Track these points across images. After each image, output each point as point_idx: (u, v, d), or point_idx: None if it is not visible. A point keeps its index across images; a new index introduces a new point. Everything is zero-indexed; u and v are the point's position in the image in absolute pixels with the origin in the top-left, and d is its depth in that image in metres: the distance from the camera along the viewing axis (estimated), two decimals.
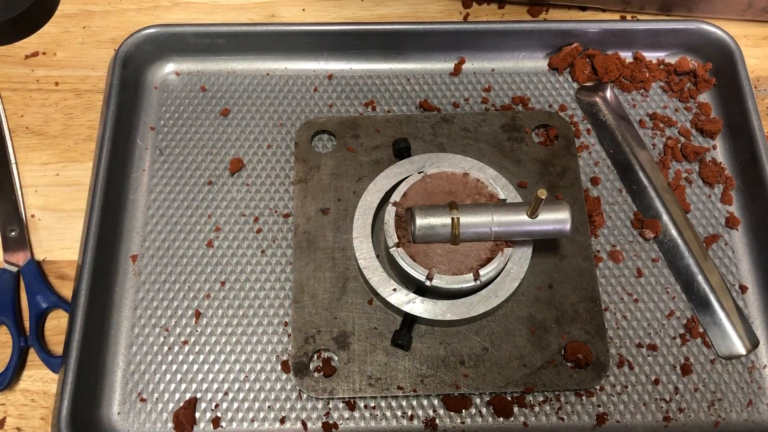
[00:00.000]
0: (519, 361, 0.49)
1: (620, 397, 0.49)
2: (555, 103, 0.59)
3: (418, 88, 0.60)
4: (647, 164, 0.56)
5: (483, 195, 0.50)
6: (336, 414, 0.48)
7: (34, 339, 0.50)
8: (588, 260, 0.52)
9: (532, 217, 0.46)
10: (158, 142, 0.57)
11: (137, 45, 0.58)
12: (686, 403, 0.49)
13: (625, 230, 0.54)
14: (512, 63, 0.61)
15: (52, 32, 0.63)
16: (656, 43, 0.61)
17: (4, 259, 0.52)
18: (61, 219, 0.55)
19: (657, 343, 0.50)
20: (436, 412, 0.48)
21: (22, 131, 0.58)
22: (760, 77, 0.61)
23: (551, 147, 0.56)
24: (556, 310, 0.50)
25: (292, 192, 0.55)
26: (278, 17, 0.64)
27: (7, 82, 0.60)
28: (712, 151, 0.58)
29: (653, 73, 0.60)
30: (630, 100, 0.59)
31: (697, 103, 0.59)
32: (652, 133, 0.58)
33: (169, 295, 0.52)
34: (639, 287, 0.52)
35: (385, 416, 0.48)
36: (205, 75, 0.60)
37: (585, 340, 0.49)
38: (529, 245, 0.49)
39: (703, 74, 0.59)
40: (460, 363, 0.48)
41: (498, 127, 0.57)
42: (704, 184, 0.56)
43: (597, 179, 0.56)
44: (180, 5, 0.64)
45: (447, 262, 0.47)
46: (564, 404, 0.48)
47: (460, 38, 0.60)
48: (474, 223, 0.47)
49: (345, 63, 0.61)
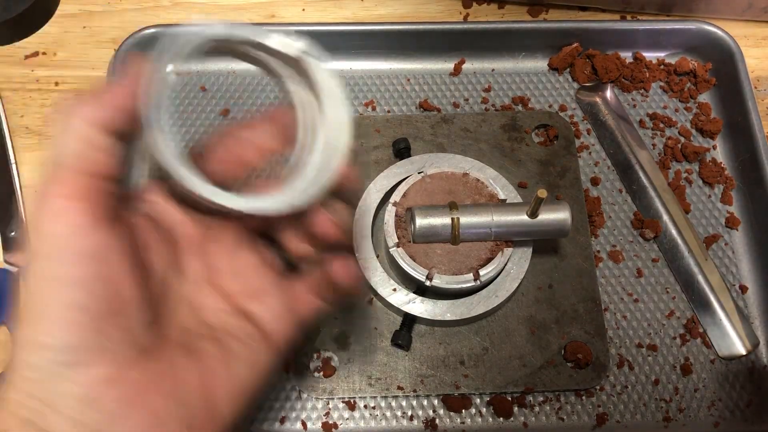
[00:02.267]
0: (519, 361, 0.49)
1: (620, 398, 0.49)
2: (555, 103, 0.59)
3: (418, 88, 0.60)
4: (647, 164, 0.56)
5: (483, 195, 0.50)
6: (336, 414, 0.48)
7: None
8: (588, 260, 0.52)
9: (532, 218, 0.46)
10: None
11: (137, 45, 0.58)
12: (686, 403, 0.49)
13: (625, 230, 0.54)
14: (512, 63, 0.61)
15: (52, 32, 0.63)
16: (656, 43, 0.61)
17: (4, 259, 0.52)
18: None
19: (657, 343, 0.50)
20: (436, 412, 0.48)
21: (22, 131, 0.58)
22: (760, 77, 0.61)
23: (551, 147, 0.56)
24: (556, 311, 0.50)
25: None
26: (278, 17, 0.64)
27: (7, 83, 0.60)
28: (712, 151, 0.58)
29: (653, 73, 0.60)
30: (630, 100, 0.59)
31: (697, 103, 0.59)
32: (652, 133, 0.58)
33: None
34: (639, 287, 0.52)
35: (385, 416, 0.48)
36: (205, 75, 0.60)
37: (585, 341, 0.49)
38: (529, 245, 0.49)
39: (703, 74, 0.59)
40: (460, 363, 0.48)
41: (498, 127, 0.57)
42: (704, 184, 0.56)
43: (597, 179, 0.56)
44: (180, 5, 0.64)
45: (447, 262, 0.47)
46: (564, 404, 0.48)
47: (460, 38, 0.60)
48: (474, 223, 0.47)
49: (345, 63, 0.61)
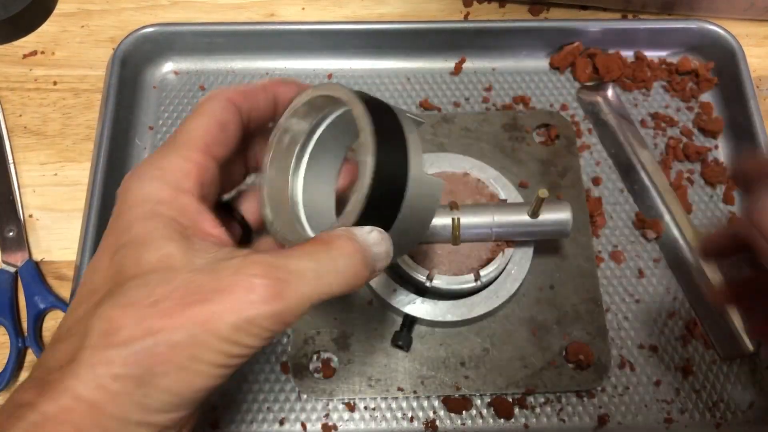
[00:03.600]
0: (520, 362, 0.48)
1: (621, 399, 0.48)
2: (556, 103, 0.59)
3: (419, 88, 0.60)
4: (649, 164, 0.55)
5: (484, 195, 0.49)
6: (336, 415, 0.48)
7: (32, 340, 0.49)
8: (589, 261, 0.52)
9: (533, 218, 0.46)
10: (157, 142, 0.57)
11: (136, 44, 0.58)
12: (688, 404, 0.48)
13: (626, 230, 0.54)
14: (513, 62, 0.61)
15: (50, 31, 0.62)
16: (658, 43, 0.61)
17: (2, 259, 0.52)
18: (60, 219, 0.55)
19: (658, 344, 0.50)
20: (436, 413, 0.48)
21: (20, 131, 0.58)
22: (762, 77, 0.61)
23: (552, 147, 0.56)
24: (557, 311, 0.50)
25: None
26: (278, 16, 0.63)
27: (5, 82, 0.60)
28: (714, 150, 0.57)
29: (655, 73, 0.60)
30: (631, 100, 0.59)
31: (698, 102, 0.59)
32: (654, 133, 0.58)
33: None
34: (640, 288, 0.52)
35: (385, 417, 0.48)
36: (204, 74, 0.60)
37: (586, 341, 0.49)
38: (530, 246, 0.49)
39: (704, 74, 0.59)
40: (460, 364, 0.48)
41: (499, 126, 0.56)
42: (706, 184, 0.56)
43: (598, 179, 0.56)
44: (179, 4, 0.64)
45: (447, 262, 0.47)
46: (565, 405, 0.48)
47: (460, 37, 0.59)
48: (475, 224, 0.46)
49: (345, 62, 0.60)
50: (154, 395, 0.25)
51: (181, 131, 0.31)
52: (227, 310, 0.25)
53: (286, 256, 0.27)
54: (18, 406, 0.25)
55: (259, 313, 0.26)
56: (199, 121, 0.31)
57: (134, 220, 0.28)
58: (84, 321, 0.26)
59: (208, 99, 0.32)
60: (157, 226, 0.28)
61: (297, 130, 0.35)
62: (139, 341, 0.25)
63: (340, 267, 0.28)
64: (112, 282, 0.27)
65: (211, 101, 0.32)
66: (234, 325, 0.25)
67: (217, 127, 0.31)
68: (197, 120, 0.31)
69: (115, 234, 0.29)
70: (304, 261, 0.27)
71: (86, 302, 0.28)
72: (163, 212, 0.28)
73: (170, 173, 0.29)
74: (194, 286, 0.26)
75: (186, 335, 0.25)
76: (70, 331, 0.27)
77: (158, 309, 0.25)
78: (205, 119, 0.31)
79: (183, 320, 0.25)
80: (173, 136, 0.31)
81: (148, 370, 0.25)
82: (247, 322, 0.25)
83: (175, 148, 0.30)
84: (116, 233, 0.28)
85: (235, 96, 0.32)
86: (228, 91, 0.32)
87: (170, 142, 0.31)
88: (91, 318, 0.26)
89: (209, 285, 0.26)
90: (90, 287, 0.28)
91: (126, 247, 0.28)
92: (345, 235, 0.29)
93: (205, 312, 0.25)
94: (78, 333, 0.26)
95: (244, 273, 0.26)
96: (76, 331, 0.27)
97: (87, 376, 0.25)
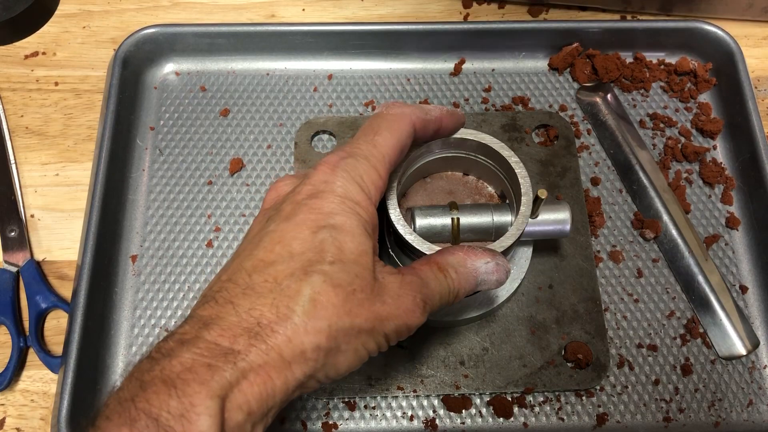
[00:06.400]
0: (519, 361, 0.48)
1: (620, 398, 0.49)
2: (555, 103, 0.59)
3: (418, 88, 0.60)
4: (647, 164, 0.56)
5: (483, 195, 0.50)
6: (336, 414, 0.48)
7: (34, 339, 0.50)
8: (588, 260, 0.52)
9: (532, 218, 0.46)
10: (158, 142, 0.57)
11: (137, 45, 0.58)
12: (686, 403, 0.49)
13: (625, 230, 0.54)
14: (512, 63, 0.61)
15: (51, 32, 0.63)
16: (656, 43, 0.61)
17: (4, 259, 0.52)
18: (61, 219, 0.55)
19: (657, 344, 0.50)
20: (436, 412, 0.48)
21: (22, 131, 0.58)
22: (760, 77, 0.61)
23: (551, 147, 0.56)
24: (557, 311, 0.50)
25: None
26: (278, 17, 0.64)
27: (7, 82, 0.60)
28: (712, 151, 0.57)
29: (653, 73, 0.60)
30: (630, 100, 0.59)
31: (697, 103, 0.59)
32: (653, 133, 0.58)
33: (168, 295, 0.52)
34: (639, 287, 0.52)
35: (385, 416, 0.48)
36: (204, 75, 0.60)
37: (585, 341, 0.49)
38: (529, 245, 0.49)
39: (703, 74, 0.59)
40: (460, 363, 0.48)
41: (498, 127, 0.57)
42: (704, 184, 0.56)
43: (597, 179, 0.56)
44: (180, 5, 0.64)
45: None
46: (564, 404, 0.48)
47: (460, 38, 0.60)
48: (474, 224, 0.46)
49: (345, 63, 0.61)
50: (328, 370, 0.31)
51: (374, 143, 0.36)
52: (396, 315, 0.33)
53: (426, 278, 0.35)
54: (225, 352, 0.29)
55: (416, 323, 0.34)
56: (392, 141, 0.36)
57: (339, 210, 0.33)
58: (288, 281, 0.31)
59: (399, 119, 0.37)
60: (357, 224, 0.33)
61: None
62: (342, 320, 0.31)
63: (453, 292, 0.36)
64: (314, 254, 0.32)
65: (401, 122, 0.37)
66: (396, 327, 0.33)
67: (400, 150, 0.37)
68: (391, 139, 0.36)
69: (315, 213, 0.33)
70: (436, 286, 0.35)
71: (285, 262, 0.31)
72: (361, 214, 0.33)
73: (368, 184, 0.34)
74: (378, 287, 0.33)
75: (369, 325, 0.32)
76: (264, 275, 0.31)
77: (357, 297, 0.31)
78: (395, 141, 0.36)
79: (370, 313, 0.31)
80: (365, 142, 0.36)
81: (337, 347, 0.31)
82: (405, 327, 0.33)
83: (370, 161, 0.35)
84: (317, 213, 0.33)
85: (418, 122, 0.38)
86: (413, 114, 0.38)
87: (364, 149, 0.35)
88: (301, 282, 0.31)
89: (386, 291, 0.33)
90: (288, 249, 0.32)
91: (329, 230, 0.32)
92: (468, 268, 0.37)
93: (384, 311, 0.32)
94: (280, 290, 0.30)
95: (408, 289, 0.34)
96: (277, 285, 0.31)
97: (296, 340, 0.29)
